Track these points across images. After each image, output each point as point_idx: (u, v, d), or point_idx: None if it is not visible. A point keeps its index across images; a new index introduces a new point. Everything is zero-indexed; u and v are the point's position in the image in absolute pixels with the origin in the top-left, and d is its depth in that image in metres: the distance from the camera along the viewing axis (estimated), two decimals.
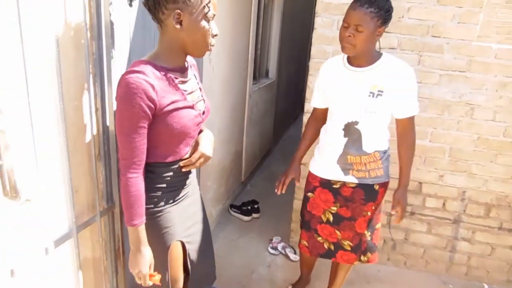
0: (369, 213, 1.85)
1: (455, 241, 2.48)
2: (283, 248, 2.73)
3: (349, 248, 1.92)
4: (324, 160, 1.84)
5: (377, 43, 1.69)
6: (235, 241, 2.85)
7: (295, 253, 2.67)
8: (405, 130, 1.77)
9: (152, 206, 1.27)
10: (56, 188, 1.22)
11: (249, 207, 3.18)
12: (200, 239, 1.48)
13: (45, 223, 1.19)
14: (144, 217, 1.22)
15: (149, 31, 1.54)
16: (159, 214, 1.28)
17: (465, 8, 2.06)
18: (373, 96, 1.65)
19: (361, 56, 1.66)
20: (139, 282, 1.26)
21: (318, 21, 2.24)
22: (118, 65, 1.42)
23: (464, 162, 2.31)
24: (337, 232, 1.91)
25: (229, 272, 2.46)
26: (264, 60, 4.26)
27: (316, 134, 1.96)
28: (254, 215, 3.18)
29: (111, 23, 1.32)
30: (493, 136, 2.23)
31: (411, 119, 1.75)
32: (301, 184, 2.08)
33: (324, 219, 1.91)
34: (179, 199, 1.36)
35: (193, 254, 1.43)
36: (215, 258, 2.15)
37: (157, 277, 1.27)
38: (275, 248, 2.74)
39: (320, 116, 1.91)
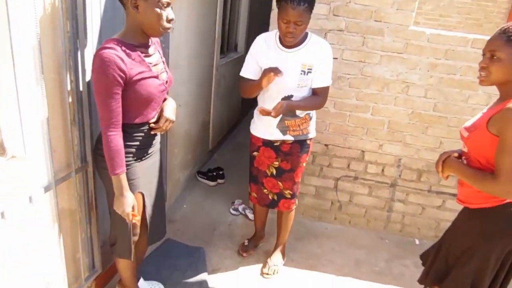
0: (304, 164, 2.23)
1: (392, 202, 2.85)
2: (243, 209, 3.03)
3: (289, 196, 2.29)
4: (264, 125, 2.14)
5: None
6: (201, 203, 3.13)
7: (253, 213, 2.98)
8: (318, 95, 2.05)
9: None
10: (38, 147, 1.44)
11: (214, 173, 3.45)
12: (156, 196, 1.76)
13: (28, 176, 1.42)
14: (125, 167, 1.48)
15: (119, 12, 1.72)
16: (127, 168, 1.53)
17: None
18: (304, 73, 1.96)
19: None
20: (124, 217, 1.54)
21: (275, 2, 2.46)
22: (90, 43, 1.63)
23: (400, 133, 2.64)
24: (280, 183, 2.26)
25: (194, 230, 2.75)
26: (233, 35, 4.43)
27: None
28: (219, 180, 3.46)
29: (84, 5, 1.51)
30: (425, 110, 2.56)
31: (326, 90, 2.05)
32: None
33: (269, 173, 2.25)
34: (145, 157, 1.62)
35: (149, 207, 1.71)
36: (182, 219, 2.43)
37: (138, 217, 1.56)
38: (236, 209, 3.04)
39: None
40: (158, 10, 1.40)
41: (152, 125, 1.59)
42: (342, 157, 2.77)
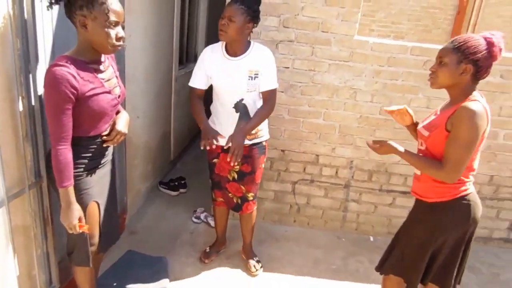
0: (262, 165, 2.35)
1: (347, 203, 2.99)
2: (205, 217, 3.08)
3: (251, 198, 2.40)
4: (221, 131, 2.20)
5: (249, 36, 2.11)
6: (163, 214, 3.15)
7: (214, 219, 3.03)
8: (267, 100, 2.18)
9: (75, 171, 1.56)
10: None
11: (176, 183, 3.49)
12: (110, 204, 1.81)
13: None
14: (72, 180, 1.51)
15: (72, 29, 1.75)
16: (80, 178, 1.58)
17: (346, 9, 2.48)
18: (252, 79, 2.10)
19: (235, 46, 2.08)
20: (70, 231, 1.57)
21: None
22: (42, 59, 1.65)
23: (350, 136, 2.79)
24: (242, 187, 2.36)
25: (156, 240, 2.77)
26: (192, 45, 4.50)
27: (201, 105, 2.25)
28: (182, 190, 3.50)
29: (34, 23, 1.54)
30: (372, 114, 2.72)
31: (273, 92, 2.18)
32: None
33: (231, 178, 2.35)
34: (97, 167, 1.68)
35: (102, 216, 1.75)
36: (144, 229, 2.44)
37: (86, 227, 1.59)
38: (198, 218, 3.09)
39: (201, 95, 2.25)
40: (106, 29, 1.46)
41: (104, 137, 1.64)
42: (298, 161, 2.89)
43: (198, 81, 2.21)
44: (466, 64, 1.53)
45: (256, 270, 2.54)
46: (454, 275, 1.77)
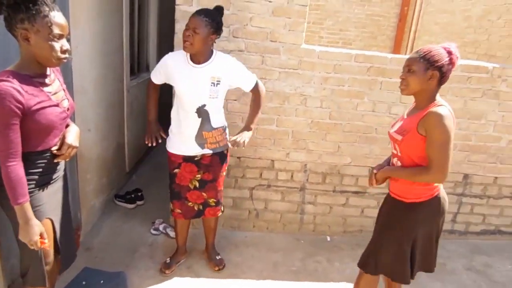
0: (224, 173, 2.43)
1: (303, 205, 3.09)
2: (164, 228, 3.05)
3: (213, 204, 2.46)
4: (183, 140, 2.30)
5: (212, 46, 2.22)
6: (119, 227, 3.08)
7: (175, 230, 3.02)
8: (257, 94, 2.35)
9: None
10: None
11: (133, 195, 3.43)
12: (64, 220, 1.77)
13: None
14: (28, 196, 1.47)
15: (13, 43, 1.70)
16: (31, 195, 1.54)
17: (293, 19, 2.58)
18: (214, 85, 2.19)
19: (199, 55, 2.17)
20: (31, 247, 1.52)
21: (178, 26, 2.58)
22: None
23: (303, 141, 2.89)
24: (203, 194, 2.41)
25: (113, 255, 2.71)
26: (143, 55, 4.45)
27: (157, 97, 2.46)
28: (138, 202, 3.44)
29: None
30: (322, 119, 2.84)
31: (257, 85, 2.34)
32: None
33: (192, 187, 2.39)
34: (49, 182, 1.64)
35: (58, 232, 1.71)
36: (100, 245, 2.40)
37: (47, 243, 1.55)
38: (157, 229, 3.05)
39: (156, 87, 2.41)
40: (50, 42, 1.44)
41: (54, 152, 1.60)
42: (254, 167, 2.95)
43: (156, 77, 2.36)
44: (432, 71, 1.70)
45: (220, 267, 2.64)
46: (435, 259, 1.98)
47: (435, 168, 1.69)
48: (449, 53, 1.71)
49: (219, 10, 2.23)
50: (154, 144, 2.38)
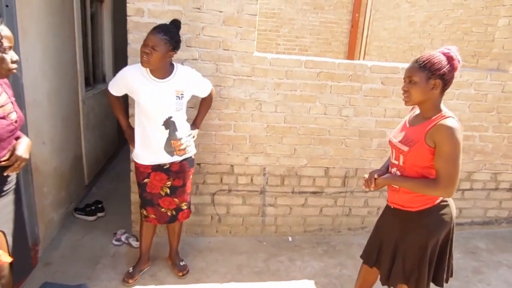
0: (191, 176, 2.51)
1: (264, 207, 3.18)
2: (127, 238, 3.04)
3: (185, 207, 2.54)
4: (151, 150, 2.35)
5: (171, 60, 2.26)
6: (80, 240, 3.04)
7: (137, 240, 3.01)
8: (208, 99, 2.56)
9: None
10: None
11: (93, 208, 3.38)
12: (17, 235, 1.75)
13: None
14: None
15: None
16: None
17: (244, 28, 2.68)
18: (179, 98, 2.28)
19: (160, 70, 2.22)
20: None
21: (130, 37, 2.61)
22: None
23: (260, 145, 2.99)
24: (175, 199, 2.47)
25: (74, 268, 2.67)
26: (99, 66, 4.41)
27: (121, 103, 2.50)
28: (99, 214, 3.40)
29: None
30: (277, 123, 2.95)
31: (211, 90, 2.53)
32: (133, 178, 2.59)
33: (163, 193, 2.44)
34: (0, 195, 1.62)
35: (11, 245, 1.69)
36: (60, 259, 2.37)
37: (4, 257, 1.54)
38: (119, 240, 3.03)
39: (117, 97, 2.44)
40: (1, 54, 1.48)
41: (3, 163, 1.59)
42: (214, 173, 3.01)
43: (116, 90, 2.39)
44: (434, 80, 1.67)
45: (184, 272, 2.68)
46: (445, 270, 1.92)
47: (444, 181, 1.66)
48: (450, 58, 1.68)
49: (176, 25, 2.28)
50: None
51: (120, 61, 4.78)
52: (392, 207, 1.93)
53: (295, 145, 3.04)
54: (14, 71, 1.57)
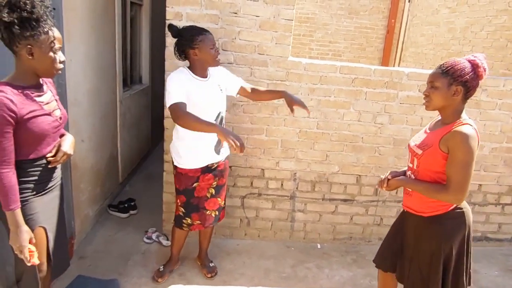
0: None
1: (293, 213, 3.16)
2: (157, 236, 3.10)
3: (223, 205, 2.60)
4: (203, 152, 2.37)
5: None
6: (113, 236, 3.13)
7: (167, 239, 3.06)
8: (252, 89, 2.52)
9: (20, 196, 1.58)
10: None
11: (126, 205, 3.48)
12: (58, 229, 1.82)
13: None
14: (19, 203, 1.54)
15: (8, 57, 1.78)
16: (24, 203, 1.60)
17: (279, 33, 2.69)
18: (222, 91, 2.37)
19: (203, 71, 2.32)
20: (20, 256, 1.57)
21: (168, 40, 2.67)
22: None
23: (292, 150, 2.98)
24: (218, 199, 2.52)
25: (107, 263, 2.75)
26: (136, 68, 4.54)
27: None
28: (132, 211, 3.49)
29: None
30: (310, 129, 2.93)
31: (244, 84, 2.53)
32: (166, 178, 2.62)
33: (209, 195, 2.48)
34: (44, 191, 1.70)
35: (52, 241, 1.76)
36: (94, 254, 2.44)
37: (35, 253, 1.60)
38: (149, 238, 3.10)
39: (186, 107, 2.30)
40: (52, 54, 1.57)
41: (49, 158, 1.67)
42: (245, 176, 3.02)
43: (181, 96, 2.15)
44: (456, 86, 1.66)
45: (212, 274, 2.70)
46: (464, 278, 1.87)
47: (454, 188, 1.65)
48: (475, 65, 1.66)
49: (176, 31, 2.27)
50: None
51: (156, 63, 4.91)
52: (406, 210, 1.94)
53: (327, 151, 3.00)
54: (60, 71, 1.65)
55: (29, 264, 1.59)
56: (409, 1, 7.26)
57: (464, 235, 1.81)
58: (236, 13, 2.63)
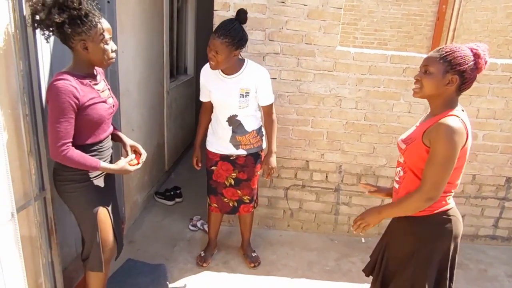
0: (258, 173, 2.52)
1: (338, 206, 3.11)
2: (202, 224, 3.17)
3: (247, 201, 2.57)
4: (219, 141, 2.42)
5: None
6: (160, 222, 3.23)
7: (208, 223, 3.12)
8: (267, 113, 2.43)
9: (81, 178, 1.71)
10: None
11: (172, 193, 3.58)
12: (114, 212, 1.93)
13: None
14: (98, 161, 1.68)
15: (66, 50, 1.86)
16: (87, 183, 1.73)
17: (328, 22, 2.63)
18: (243, 96, 2.27)
19: (227, 68, 2.24)
20: (129, 171, 1.79)
21: None
22: (42, 79, 1.76)
23: (338, 142, 2.92)
24: (238, 191, 2.53)
25: (154, 248, 2.86)
26: (182, 58, 4.63)
27: (208, 120, 2.52)
28: (177, 199, 3.59)
29: (35, 46, 1.65)
30: (357, 120, 2.86)
31: (270, 106, 2.40)
32: (200, 163, 2.64)
33: (228, 184, 2.51)
34: (100, 174, 1.80)
35: (114, 222, 1.85)
36: (142, 238, 2.55)
37: (135, 161, 1.84)
38: (194, 226, 3.18)
39: (209, 107, 2.48)
40: (103, 45, 1.64)
41: (135, 164, 1.83)
42: (289, 167, 3.01)
43: (203, 95, 2.45)
44: (452, 75, 1.48)
45: (256, 263, 2.73)
46: None
47: (427, 185, 1.50)
48: (476, 55, 1.49)
49: (241, 18, 2.14)
50: (198, 168, 2.64)
51: (201, 54, 4.97)
52: None
53: (375, 143, 2.92)
54: (113, 60, 1.72)
55: (139, 166, 1.84)
56: None
57: (448, 245, 1.62)
58: (283, 2, 2.59)
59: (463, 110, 1.58)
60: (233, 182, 2.51)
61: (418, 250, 1.63)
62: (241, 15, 2.15)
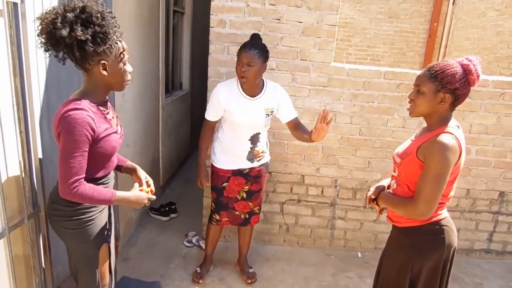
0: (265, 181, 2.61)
1: (333, 220, 3.11)
2: (197, 240, 3.14)
3: (257, 211, 2.60)
4: (233, 158, 2.43)
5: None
6: (154, 239, 3.20)
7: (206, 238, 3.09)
8: (298, 124, 2.42)
9: (85, 216, 1.57)
10: None
11: (167, 208, 3.55)
12: (112, 242, 1.84)
13: None
14: (113, 191, 1.53)
15: (62, 69, 1.87)
16: (91, 222, 1.59)
17: (322, 38, 2.67)
18: (268, 116, 2.34)
19: (253, 87, 2.28)
20: (145, 202, 1.66)
21: (212, 47, 2.71)
22: (36, 97, 1.75)
23: (333, 156, 2.94)
24: (250, 203, 2.54)
25: (149, 265, 2.82)
26: (177, 74, 4.65)
27: (211, 140, 2.51)
28: (172, 215, 3.56)
29: (29, 67, 1.64)
30: (352, 135, 2.88)
31: (296, 119, 2.43)
32: (208, 183, 2.59)
33: (239, 198, 2.52)
34: (104, 208, 1.70)
35: (113, 256, 1.81)
36: (137, 255, 2.47)
37: (148, 190, 1.74)
38: (190, 241, 3.15)
39: (213, 126, 2.47)
40: (122, 66, 1.50)
41: (149, 195, 1.71)
42: (285, 182, 3.01)
43: (212, 115, 2.40)
44: (444, 94, 1.50)
45: (252, 280, 2.70)
46: None
47: (421, 200, 1.50)
48: (468, 71, 1.49)
49: (258, 37, 2.30)
50: (203, 188, 2.61)
51: (196, 70, 5.01)
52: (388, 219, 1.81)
53: (370, 158, 2.94)
54: (129, 83, 1.59)
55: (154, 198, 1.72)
56: (453, 4, 7.01)
57: (441, 256, 1.62)
58: (279, 19, 2.64)
59: (458, 126, 1.60)
60: (245, 196, 2.52)
61: (414, 260, 1.64)
62: (257, 37, 2.29)
